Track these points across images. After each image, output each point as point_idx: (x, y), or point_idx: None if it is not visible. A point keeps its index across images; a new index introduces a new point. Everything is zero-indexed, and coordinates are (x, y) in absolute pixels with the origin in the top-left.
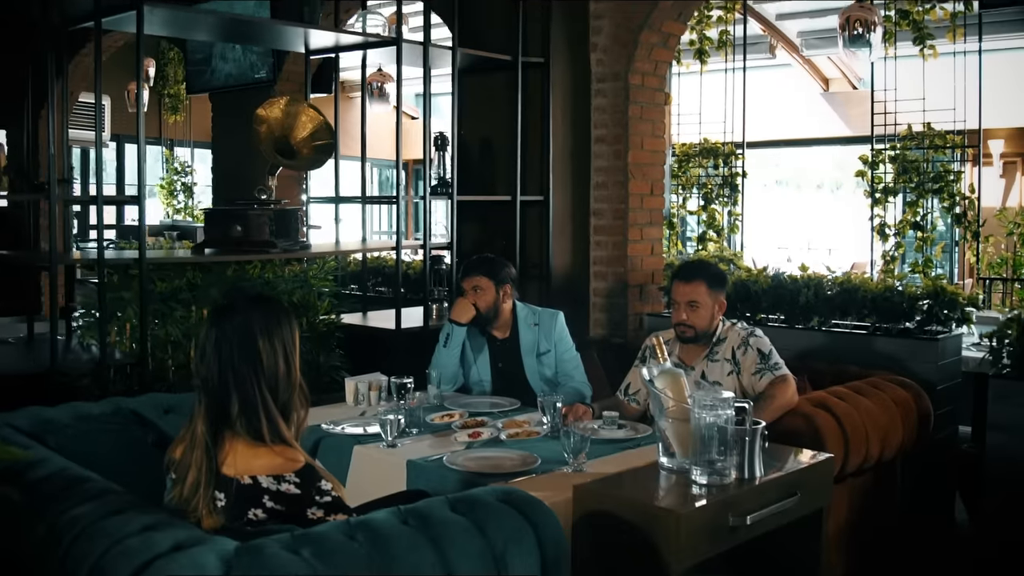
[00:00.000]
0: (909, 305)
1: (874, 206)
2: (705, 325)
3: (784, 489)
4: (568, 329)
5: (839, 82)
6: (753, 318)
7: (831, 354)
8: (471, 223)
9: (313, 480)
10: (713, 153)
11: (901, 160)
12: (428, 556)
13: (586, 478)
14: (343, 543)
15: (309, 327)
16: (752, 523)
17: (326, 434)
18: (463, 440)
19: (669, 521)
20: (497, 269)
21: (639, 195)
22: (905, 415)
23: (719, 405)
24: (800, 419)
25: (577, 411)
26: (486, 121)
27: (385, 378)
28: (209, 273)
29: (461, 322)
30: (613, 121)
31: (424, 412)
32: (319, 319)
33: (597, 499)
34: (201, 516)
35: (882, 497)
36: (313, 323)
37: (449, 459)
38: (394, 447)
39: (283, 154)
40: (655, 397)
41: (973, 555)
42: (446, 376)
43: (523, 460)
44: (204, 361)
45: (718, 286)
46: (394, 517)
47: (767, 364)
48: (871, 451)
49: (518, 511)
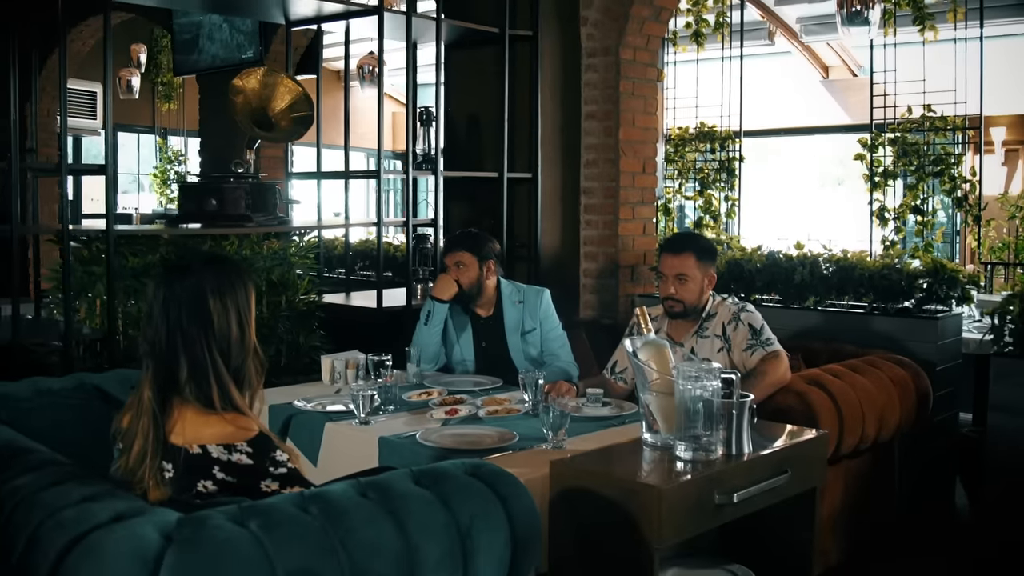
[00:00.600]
0: (908, 283)
1: (873, 190)
2: (694, 299)
3: (774, 466)
4: (556, 310)
5: (839, 70)
6: (747, 298)
7: (827, 334)
8: (458, 202)
9: (267, 450)
10: (710, 137)
11: (901, 143)
12: (386, 529)
13: (565, 455)
14: (294, 515)
15: (288, 306)
16: (739, 501)
17: (298, 411)
18: (439, 417)
19: (650, 497)
20: (480, 244)
21: (630, 173)
22: (903, 394)
23: (704, 376)
24: (793, 396)
25: (560, 388)
26: (474, 97)
27: (363, 356)
28: (183, 249)
29: (442, 299)
30: (604, 97)
31: (401, 390)
32: (299, 298)
33: (575, 475)
34: (148, 488)
35: (879, 480)
36: (293, 302)
37: (423, 435)
38: (367, 424)
39: (260, 126)
40: (638, 370)
41: (973, 543)
42: (427, 355)
43: (500, 437)
44: (151, 323)
45: (708, 259)
46: (352, 489)
47: (759, 340)
48: (867, 431)
49: (487, 485)
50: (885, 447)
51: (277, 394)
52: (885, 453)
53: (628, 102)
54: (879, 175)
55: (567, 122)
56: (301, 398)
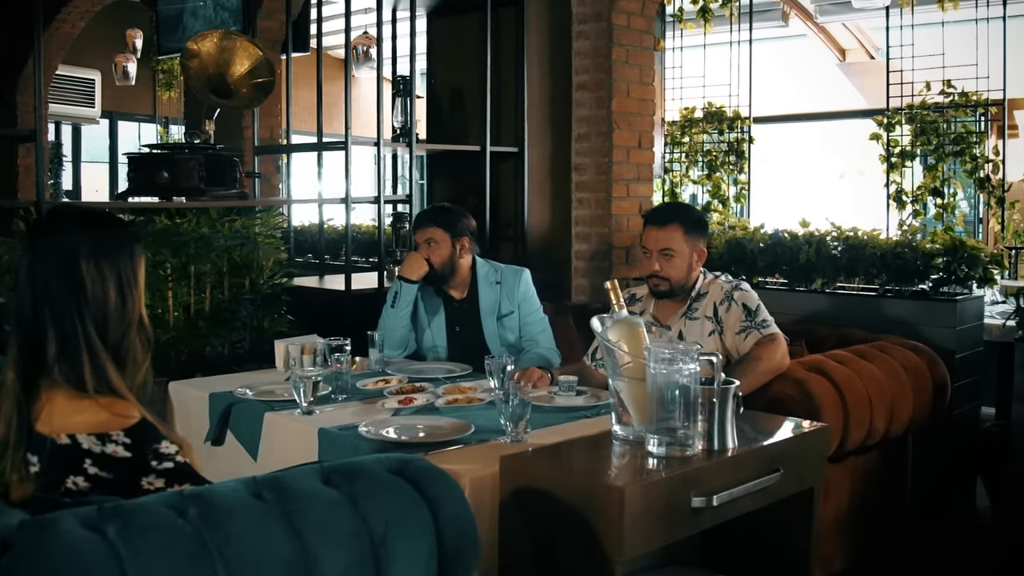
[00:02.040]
0: (923, 263)
1: (890, 172)
2: (681, 277)
3: (764, 464)
4: (546, 294)
5: (856, 52)
6: (749, 281)
7: (835, 319)
8: (442, 179)
9: (149, 441)
10: (718, 118)
11: (919, 121)
12: (278, 536)
13: (523, 449)
14: (165, 519)
15: (252, 288)
16: (721, 504)
17: (238, 400)
18: (391, 407)
19: (610, 500)
20: (453, 220)
21: (624, 147)
22: (917, 383)
23: (680, 358)
24: (791, 384)
25: (531, 375)
26: (458, 68)
27: (321, 340)
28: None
29: (411, 279)
30: (596, 66)
31: (357, 378)
32: (263, 280)
33: (527, 473)
34: (10, 483)
35: (890, 480)
36: (257, 284)
37: (366, 427)
38: (310, 414)
39: (218, 93)
40: (607, 352)
41: (995, 547)
42: (393, 340)
43: (454, 429)
44: (17, 292)
45: (696, 231)
46: (244, 488)
47: (753, 321)
48: (876, 424)
49: (412, 484)
50: (897, 442)
51: (224, 382)
52: (897, 449)
53: (622, 71)
54: (896, 156)
55: (557, 93)
56: (243, 385)
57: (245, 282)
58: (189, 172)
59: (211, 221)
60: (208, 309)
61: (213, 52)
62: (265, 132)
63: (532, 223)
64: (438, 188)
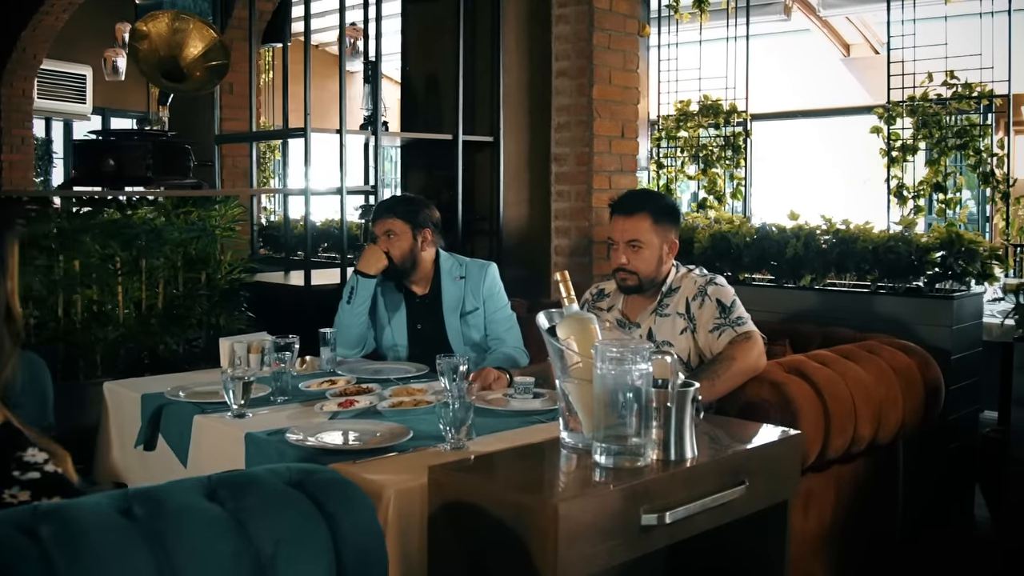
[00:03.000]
0: (918, 257)
1: (890, 166)
2: (650, 271)
3: (728, 476)
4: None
5: (861, 47)
6: (735, 277)
7: (825, 317)
8: (416, 170)
9: (11, 447)
10: (714, 111)
11: (920, 113)
12: (142, 560)
13: (464, 456)
14: (8, 540)
15: (209, 284)
16: (675, 522)
17: (168, 402)
18: (329, 410)
19: (543, 517)
20: (414, 210)
21: (606, 137)
22: (908, 386)
23: (630, 357)
24: (767, 387)
25: (487, 376)
26: (434, 54)
27: (270, 338)
28: (78, 217)
29: (368, 273)
30: (576, 52)
31: (302, 378)
32: (221, 275)
33: (458, 485)
34: None
35: (880, 490)
36: (214, 279)
37: (293, 432)
38: (242, 417)
39: (170, 77)
40: (555, 351)
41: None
42: (349, 338)
43: (391, 435)
44: None
45: (667, 221)
46: (111, 504)
47: (727, 318)
48: (861, 430)
49: (311, 499)
50: (886, 449)
51: (160, 382)
52: (886, 456)
53: (603, 57)
54: (897, 149)
55: (535, 80)
56: (177, 386)
57: (201, 277)
58: (136, 160)
59: (166, 213)
60: (161, 305)
61: (164, 33)
62: (239, 124)
63: (508, 216)
64: (412, 180)
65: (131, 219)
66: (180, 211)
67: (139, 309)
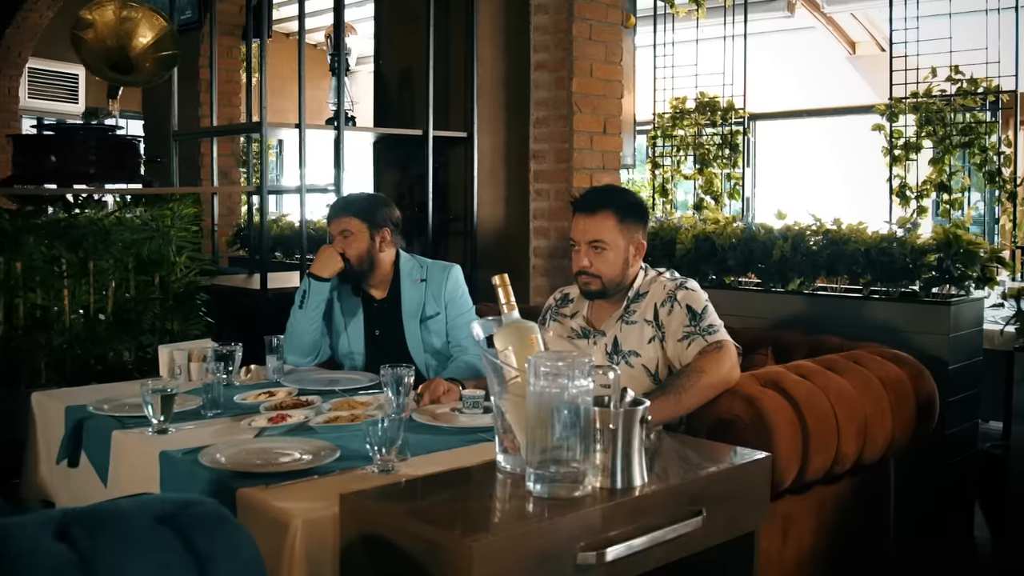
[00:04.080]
0: (913, 259)
1: (892, 165)
2: (615, 274)
3: (682, 505)
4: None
5: (867, 45)
6: (720, 281)
7: (813, 324)
8: (390, 169)
9: None
10: (711, 108)
11: (923, 110)
12: None
13: (389, 481)
14: None
15: (162, 288)
16: (616, 559)
17: (89, 415)
18: (258, 425)
19: (457, 556)
20: (372, 208)
21: (587, 133)
22: (897, 400)
23: (567, 372)
24: (740, 403)
25: (435, 389)
26: (408, 47)
27: (213, 346)
28: (20, 216)
29: (322, 276)
30: (555, 43)
31: (240, 390)
32: (175, 278)
33: (371, 516)
34: None
35: (868, 512)
36: (167, 283)
37: (207, 452)
38: (164, 433)
39: (119, 69)
40: (490, 364)
41: None
42: (301, 345)
43: (315, 455)
44: None
45: (634, 219)
46: None
47: (697, 326)
48: (845, 448)
49: (181, 537)
50: (874, 469)
51: (89, 393)
52: (875, 476)
53: (584, 48)
54: (899, 147)
55: (513, 73)
56: (104, 398)
57: (155, 280)
58: (79, 156)
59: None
60: (111, 310)
61: (112, 22)
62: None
63: (484, 216)
64: (386, 179)
65: (77, 219)
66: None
67: (87, 314)
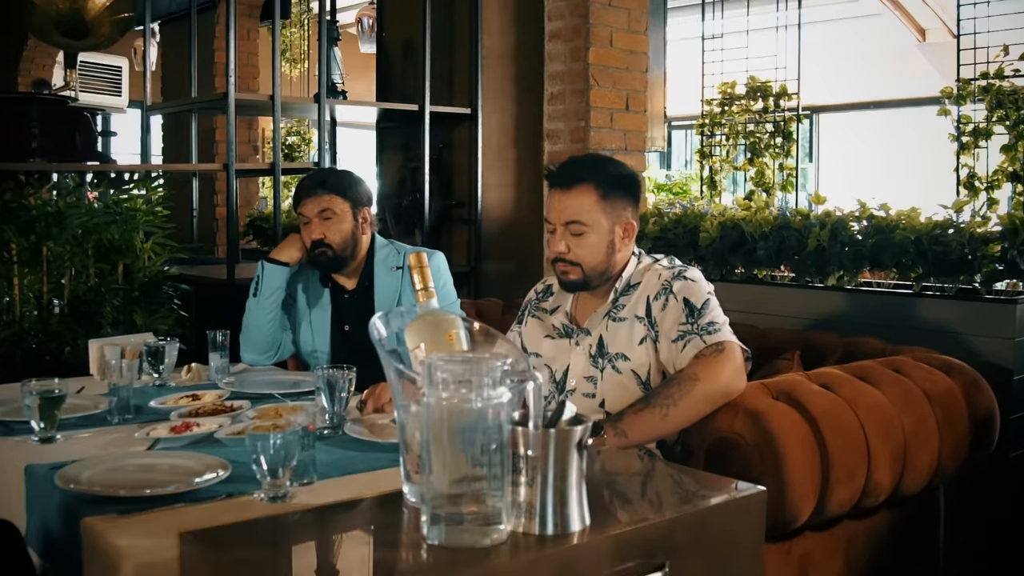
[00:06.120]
0: (973, 249)
1: (960, 153)
2: (598, 261)
3: (637, 557)
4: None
5: (938, 32)
6: (749, 274)
7: (853, 323)
8: (391, 152)
9: None
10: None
11: (995, 93)
12: None
13: (281, 511)
14: None
15: (126, 277)
16: None
17: None
18: (155, 436)
19: None
20: (352, 185)
21: (607, 110)
22: (947, 416)
23: (475, 380)
24: (742, 419)
25: (381, 396)
26: (411, 19)
27: (152, 340)
28: None
29: (280, 260)
30: (571, 10)
31: (162, 392)
32: (140, 267)
33: (212, 566)
34: None
35: (910, 551)
36: (132, 271)
37: (67, 470)
38: (50, 442)
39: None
40: (391, 368)
41: None
42: (256, 341)
43: (200, 475)
44: None
45: (620, 194)
46: None
47: (696, 324)
48: (877, 476)
49: None
50: (917, 500)
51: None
52: (920, 508)
53: (603, 15)
54: (968, 134)
55: (524, 44)
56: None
57: (117, 268)
58: (23, 130)
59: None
60: (67, 300)
61: None
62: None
63: (490, 202)
64: (387, 162)
65: (27, 201)
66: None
67: (40, 304)
